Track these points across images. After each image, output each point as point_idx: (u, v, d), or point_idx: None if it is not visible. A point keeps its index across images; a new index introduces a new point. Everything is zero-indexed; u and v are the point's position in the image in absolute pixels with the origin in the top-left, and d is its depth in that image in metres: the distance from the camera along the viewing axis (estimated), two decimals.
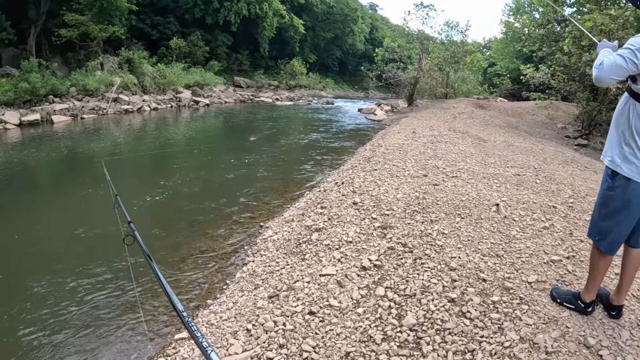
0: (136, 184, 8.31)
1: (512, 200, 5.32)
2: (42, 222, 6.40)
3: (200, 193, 7.73)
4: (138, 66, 24.43)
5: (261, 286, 3.95)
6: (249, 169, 9.63)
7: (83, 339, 3.64)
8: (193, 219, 6.51)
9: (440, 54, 24.10)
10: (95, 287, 4.47)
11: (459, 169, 6.84)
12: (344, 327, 3.02)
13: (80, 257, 5.15)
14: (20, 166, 10.01)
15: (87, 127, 16.54)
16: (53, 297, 4.26)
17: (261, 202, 7.25)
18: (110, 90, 21.25)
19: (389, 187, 5.92)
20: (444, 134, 10.46)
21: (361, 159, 8.70)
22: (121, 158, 11.14)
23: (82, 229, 5.99)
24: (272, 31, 38.69)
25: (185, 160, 11.40)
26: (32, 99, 17.88)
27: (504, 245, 4.02)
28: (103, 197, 7.32)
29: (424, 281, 3.41)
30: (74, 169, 10.26)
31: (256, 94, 34.92)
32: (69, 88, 19.94)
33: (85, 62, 22.75)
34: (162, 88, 25.47)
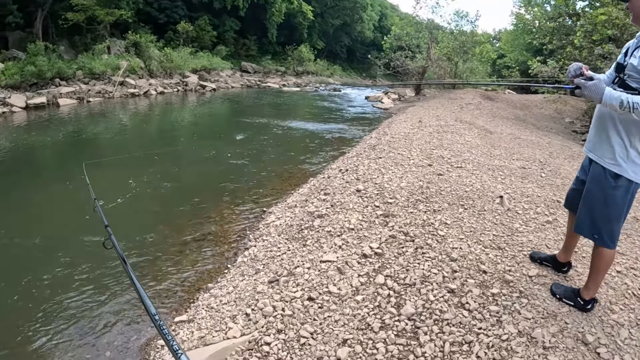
0: (140, 168, 8.30)
1: (516, 193, 5.28)
2: (42, 205, 6.42)
3: (204, 178, 7.74)
4: (145, 50, 24.35)
5: (262, 271, 3.97)
6: (253, 154, 9.62)
7: (83, 321, 3.67)
8: (196, 203, 6.53)
9: (449, 44, 23.89)
10: (92, 270, 4.49)
11: (464, 160, 6.79)
12: (342, 314, 3.02)
13: (78, 240, 5.18)
14: (24, 149, 10.05)
15: (93, 111, 16.55)
16: (51, 279, 4.29)
17: (265, 188, 7.25)
18: (117, 73, 21.22)
19: (393, 176, 5.90)
20: (450, 124, 10.40)
21: (366, 146, 8.67)
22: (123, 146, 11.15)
23: (81, 211, 6.01)
24: (281, 17, 38.42)
25: (190, 145, 11.40)
26: (39, 82, 17.89)
27: (506, 238, 3.99)
28: (101, 180, 7.39)
29: (424, 271, 3.40)
30: (77, 153, 10.26)
31: (263, 79, 34.74)
32: (75, 71, 19.94)
33: (92, 46, 22.71)
34: (168, 72, 25.41)
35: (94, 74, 20.61)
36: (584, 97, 2.49)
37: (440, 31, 25.35)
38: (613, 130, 2.57)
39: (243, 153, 9.71)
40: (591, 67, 12.19)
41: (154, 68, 24.31)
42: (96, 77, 20.65)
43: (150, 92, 21.78)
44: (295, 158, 9.46)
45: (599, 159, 2.66)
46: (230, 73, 33.15)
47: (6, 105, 15.06)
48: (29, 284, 4.20)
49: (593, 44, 11.97)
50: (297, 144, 10.87)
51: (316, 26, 45.90)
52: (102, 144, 11.39)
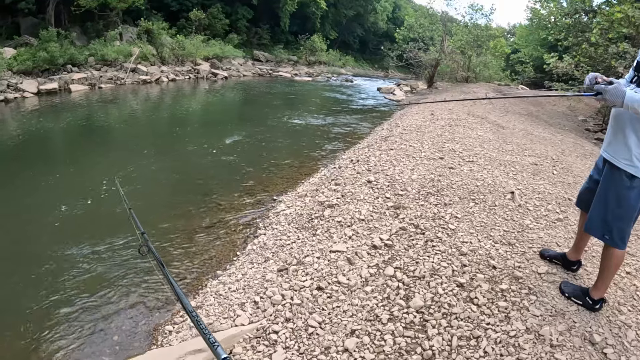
0: (150, 155, 8.33)
1: (527, 189, 5.25)
2: (53, 190, 6.44)
3: (214, 165, 7.75)
4: (157, 37, 24.34)
5: (271, 259, 3.97)
6: (264, 143, 9.61)
7: (93, 305, 3.69)
8: (206, 190, 6.54)
9: (463, 37, 23.67)
10: (104, 254, 4.51)
11: (476, 154, 6.75)
12: (351, 304, 3.02)
13: (91, 224, 5.21)
14: (34, 134, 10.10)
15: (104, 97, 16.60)
16: (63, 264, 4.31)
17: (275, 176, 7.25)
18: (129, 60, 21.25)
19: (404, 168, 5.87)
20: (462, 118, 10.32)
21: (378, 138, 8.64)
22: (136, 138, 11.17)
23: (91, 197, 6.04)
24: (294, 6, 38.24)
25: (200, 132, 11.41)
26: (51, 68, 17.90)
27: (517, 234, 3.97)
28: (112, 166, 7.41)
29: (433, 264, 3.39)
30: (88, 138, 10.31)
31: (275, 68, 34.65)
32: (87, 58, 19.95)
33: (104, 32, 22.68)
34: (180, 59, 25.40)
35: (106, 61, 20.61)
36: (606, 102, 2.47)
37: (455, 24, 25.13)
38: (630, 131, 2.54)
39: (253, 141, 9.71)
40: (605, 66, 12.11)
41: (166, 55, 24.31)
42: (108, 63, 20.65)
43: (161, 79, 21.80)
44: (306, 147, 9.43)
45: (614, 159, 2.62)
46: (242, 61, 33.10)
47: (18, 91, 15.11)
48: (42, 266, 4.23)
49: (609, 41, 11.81)
50: (308, 134, 10.84)
51: (329, 16, 45.67)
52: (113, 130, 11.44)
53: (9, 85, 15.15)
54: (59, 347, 3.21)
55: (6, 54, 16.81)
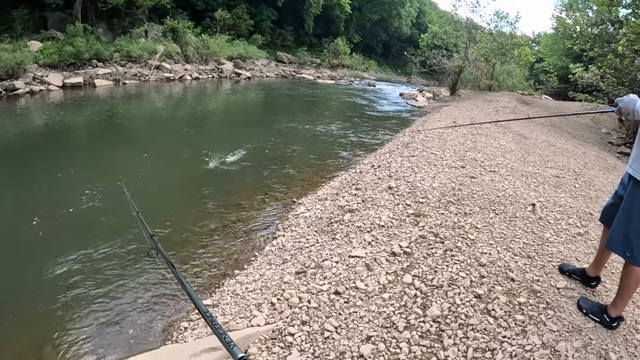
0: (170, 153, 8.42)
1: (548, 202, 5.18)
2: (70, 185, 6.50)
3: (235, 165, 7.78)
4: (182, 35, 24.61)
5: (289, 261, 3.98)
6: (285, 144, 9.63)
7: (109, 299, 3.74)
8: (227, 189, 6.58)
9: (488, 45, 23.43)
10: (122, 251, 4.55)
11: (498, 164, 6.69)
12: (368, 310, 3.01)
13: (107, 221, 5.26)
14: (55, 127, 10.30)
15: (128, 93, 16.84)
16: (82, 258, 4.37)
17: (295, 178, 7.27)
18: (153, 57, 21.53)
19: (426, 175, 5.84)
20: (485, 126, 10.25)
21: (399, 144, 8.61)
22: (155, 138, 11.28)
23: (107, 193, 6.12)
24: (318, 8, 38.34)
25: (221, 132, 11.49)
26: (76, 62, 18.26)
27: (536, 247, 3.92)
28: (131, 163, 7.49)
29: (452, 274, 3.37)
30: (108, 133, 10.46)
31: (298, 70, 34.76)
32: (112, 53, 20.30)
33: (130, 29, 23.05)
34: (204, 58, 25.64)
35: (131, 57, 20.95)
36: (621, 113, 2.50)
37: (479, 31, 24.92)
38: None
39: (274, 143, 9.74)
40: (631, 78, 11.92)
41: (190, 54, 24.57)
42: (133, 60, 20.99)
43: (185, 77, 22.03)
44: (327, 151, 9.43)
45: (639, 174, 2.59)
46: (266, 62, 33.29)
47: (43, 84, 15.42)
48: (59, 261, 4.28)
49: (635, 53, 11.63)
50: (329, 137, 10.84)
51: (353, 20, 45.70)
52: (134, 127, 11.58)
53: (35, 77, 15.46)
54: (75, 338, 3.26)
55: (33, 47, 17.19)
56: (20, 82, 14.54)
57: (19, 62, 14.93)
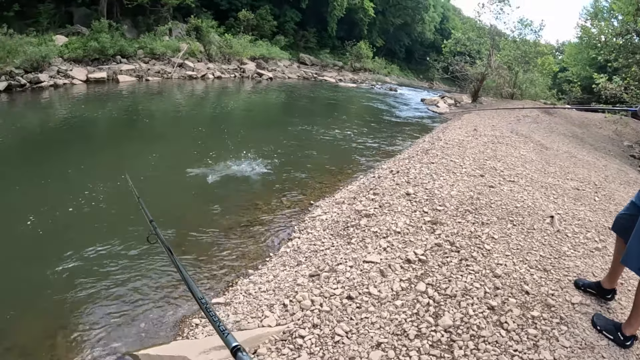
0: (188, 150, 8.48)
1: (567, 215, 5.11)
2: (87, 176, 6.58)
3: (253, 165, 7.78)
4: (205, 34, 24.83)
5: (303, 263, 3.99)
6: (304, 147, 9.65)
7: (121, 292, 3.79)
8: (243, 189, 6.62)
9: (511, 52, 23.21)
10: (136, 245, 4.58)
11: (517, 174, 6.62)
12: (379, 317, 3.00)
13: (121, 215, 5.32)
14: (76, 120, 10.46)
15: (150, 89, 17.05)
16: (98, 250, 4.42)
17: (313, 181, 7.27)
18: (177, 55, 21.76)
19: (444, 183, 5.80)
20: (505, 135, 10.15)
21: (419, 150, 8.57)
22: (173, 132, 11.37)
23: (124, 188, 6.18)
24: (342, 11, 38.39)
25: (241, 132, 11.54)
26: (100, 57, 18.56)
27: (553, 261, 3.87)
28: (149, 158, 7.56)
29: (466, 284, 3.34)
30: (130, 129, 10.59)
31: (320, 72, 34.76)
32: (136, 50, 20.61)
33: (155, 27, 23.36)
34: (227, 58, 25.82)
35: (155, 54, 21.22)
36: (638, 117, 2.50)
37: (503, 38, 24.68)
38: None
39: (293, 144, 9.76)
40: None
41: (213, 53, 24.76)
42: (156, 57, 21.25)
43: (207, 76, 22.21)
44: (346, 154, 9.43)
45: None
46: (288, 63, 33.40)
47: (67, 77, 15.72)
48: (71, 253, 4.34)
49: None
50: (349, 141, 10.83)
51: (377, 23, 45.65)
52: (155, 123, 11.73)
53: (59, 71, 15.75)
54: (88, 328, 3.31)
55: (58, 42, 17.50)
56: (45, 75, 14.82)
57: (44, 55, 15.20)
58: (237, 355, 1.10)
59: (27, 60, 14.54)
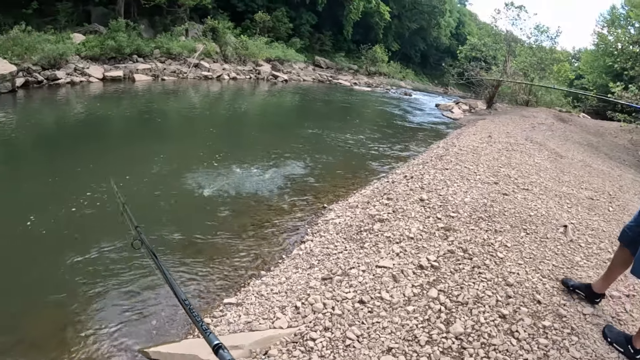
0: (202, 151, 8.54)
1: (581, 224, 5.08)
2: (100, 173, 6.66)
3: (267, 166, 7.83)
4: (222, 35, 24.97)
5: (316, 266, 4.00)
6: (317, 149, 9.67)
7: (134, 290, 3.83)
8: (257, 189, 6.65)
9: (527, 59, 23.05)
10: (154, 243, 4.63)
11: (531, 182, 6.58)
12: (391, 321, 3.01)
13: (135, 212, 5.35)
14: (91, 118, 10.62)
15: (166, 89, 17.19)
16: (109, 248, 4.47)
17: (327, 184, 7.28)
18: (193, 55, 21.90)
19: (458, 189, 5.79)
20: (520, 142, 10.10)
21: (433, 155, 8.56)
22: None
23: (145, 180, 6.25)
24: (358, 15, 38.34)
25: (255, 132, 11.61)
26: (117, 56, 18.78)
27: (566, 270, 3.85)
28: (163, 157, 7.62)
29: (478, 291, 3.33)
30: (142, 127, 10.70)
31: (335, 75, 34.72)
32: (153, 50, 20.81)
33: (171, 27, 23.56)
34: (242, 59, 25.93)
35: (171, 54, 21.40)
36: None
37: (519, 45, 24.53)
38: None
39: (307, 146, 9.78)
40: None
41: (229, 54, 24.89)
42: (172, 57, 21.42)
43: (223, 77, 22.33)
44: (360, 158, 9.44)
45: None
46: (303, 66, 33.43)
47: (84, 75, 15.92)
48: (84, 249, 4.40)
49: None
50: (363, 145, 10.82)
51: (392, 28, 45.50)
52: (169, 122, 11.83)
53: (76, 69, 15.97)
54: (98, 324, 3.35)
55: (76, 40, 17.71)
56: (62, 73, 15.04)
57: (62, 53, 15.42)
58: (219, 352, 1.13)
59: (44, 57, 14.75)
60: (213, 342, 1.20)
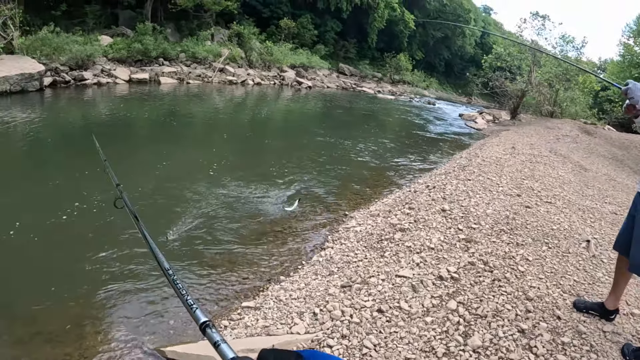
0: (225, 156, 8.62)
1: (603, 240, 4.99)
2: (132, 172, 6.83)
3: (289, 172, 7.88)
4: (247, 41, 25.22)
5: (336, 274, 4.01)
6: (340, 156, 9.70)
7: (154, 290, 3.88)
8: (278, 195, 6.67)
9: (552, 69, 22.73)
10: (174, 243, 4.71)
11: (555, 195, 6.51)
12: (409, 332, 3.01)
13: (160, 214, 5.45)
14: (114, 119, 10.84)
15: (190, 92, 17.43)
16: (131, 248, 4.51)
17: (349, 191, 7.30)
18: (218, 60, 22.16)
19: (480, 200, 5.76)
20: (544, 154, 9.99)
21: (456, 166, 8.53)
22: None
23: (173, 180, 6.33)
24: (382, 23, 38.30)
25: (278, 138, 11.68)
26: (143, 59, 19.20)
27: (587, 286, 3.79)
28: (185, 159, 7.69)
29: (497, 304, 3.31)
30: (166, 129, 10.86)
31: (359, 83, 34.73)
32: (178, 53, 21.17)
33: (197, 32, 23.95)
34: (267, 65, 26.13)
35: (196, 58, 21.72)
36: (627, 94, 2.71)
37: (544, 55, 24.22)
38: None
39: (330, 154, 9.82)
40: None
41: (254, 59, 25.11)
42: (198, 61, 21.74)
43: (247, 82, 22.55)
44: (382, 167, 9.44)
45: None
46: (327, 73, 33.53)
47: (111, 77, 16.30)
48: (107, 247, 4.47)
49: None
50: (386, 153, 10.81)
51: (417, 36, 45.37)
52: (193, 124, 11.98)
53: (103, 70, 16.34)
54: (116, 321, 3.43)
55: (103, 42, 18.10)
56: (89, 74, 15.43)
57: (89, 54, 15.82)
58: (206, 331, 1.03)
59: (72, 58, 15.15)
60: (200, 319, 1.09)
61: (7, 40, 13.80)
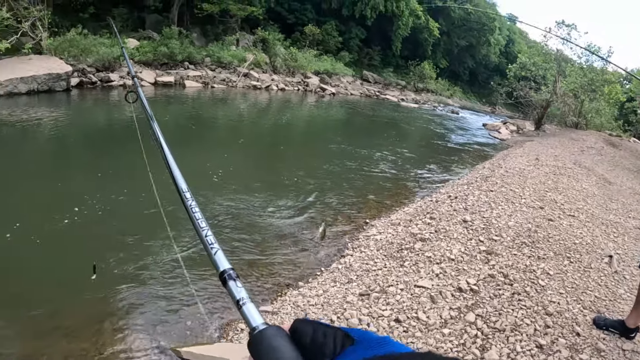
0: (247, 161, 8.68)
1: (626, 255, 4.92)
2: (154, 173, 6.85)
3: (311, 179, 7.91)
4: (271, 46, 25.41)
5: (354, 282, 4.02)
6: (363, 164, 9.69)
7: (173, 291, 3.93)
8: (298, 201, 6.71)
9: (577, 80, 22.38)
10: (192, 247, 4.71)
11: (578, 209, 6.42)
12: (425, 343, 3.00)
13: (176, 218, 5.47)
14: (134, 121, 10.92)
15: (215, 96, 17.63)
16: (152, 249, 4.59)
17: (370, 199, 7.29)
18: (243, 65, 22.38)
19: (502, 212, 5.72)
20: (568, 166, 9.85)
21: (478, 176, 8.47)
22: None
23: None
24: (407, 30, 38.20)
25: (301, 144, 11.74)
26: (169, 62, 19.52)
27: (608, 303, 3.74)
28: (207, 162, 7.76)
29: (516, 319, 3.29)
30: (190, 132, 10.95)
31: (382, 90, 34.62)
32: (204, 58, 21.46)
33: (222, 37, 24.28)
34: (291, 70, 26.28)
35: (221, 63, 21.98)
36: None
37: (569, 64, 23.86)
38: None
39: (353, 161, 9.83)
40: None
41: (278, 65, 25.28)
42: (223, 65, 22.00)
43: (271, 87, 22.71)
44: (404, 176, 9.42)
45: None
46: (351, 80, 33.54)
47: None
48: (129, 246, 4.58)
49: None
50: (408, 162, 10.77)
51: (441, 44, 45.16)
52: (216, 128, 12.12)
53: (129, 72, 16.47)
54: (134, 319, 3.49)
55: (130, 45, 18.44)
56: (115, 75, 15.79)
57: (116, 56, 16.13)
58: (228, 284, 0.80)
59: (99, 60, 15.54)
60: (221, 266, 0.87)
61: (35, 40, 14.17)
